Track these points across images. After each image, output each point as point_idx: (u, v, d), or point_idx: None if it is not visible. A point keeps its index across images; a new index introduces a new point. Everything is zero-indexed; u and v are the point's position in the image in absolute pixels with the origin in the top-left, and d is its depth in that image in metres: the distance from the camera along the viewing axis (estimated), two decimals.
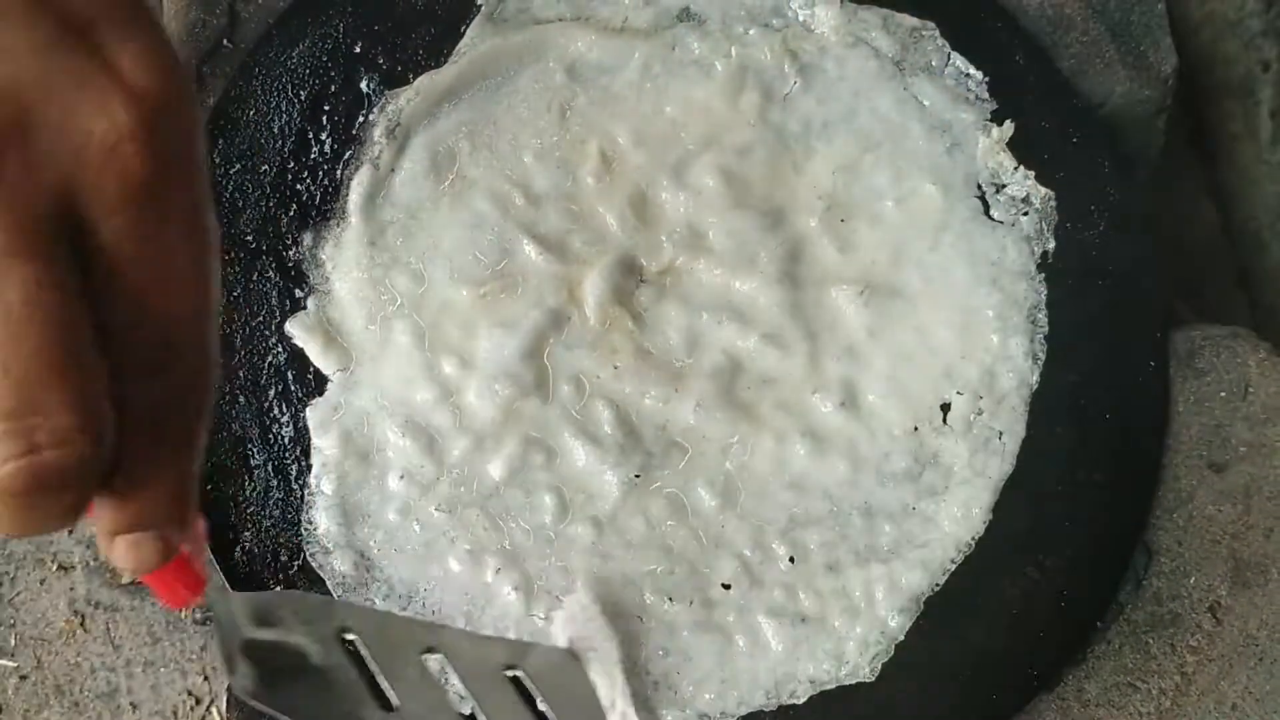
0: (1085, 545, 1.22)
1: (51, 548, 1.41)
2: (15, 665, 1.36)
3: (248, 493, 1.18)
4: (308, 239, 1.25)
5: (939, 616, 1.18)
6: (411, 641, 0.88)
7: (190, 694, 1.37)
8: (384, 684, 0.84)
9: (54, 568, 1.41)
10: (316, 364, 1.21)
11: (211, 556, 0.89)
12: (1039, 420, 1.24)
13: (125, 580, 1.39)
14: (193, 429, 0.63)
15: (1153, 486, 1.27)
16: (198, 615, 1.39)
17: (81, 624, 1.40)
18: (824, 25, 1.34)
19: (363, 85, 1.30)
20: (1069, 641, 1.21)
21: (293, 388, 1.21)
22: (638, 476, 1.19)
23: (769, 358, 1.23)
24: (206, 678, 1.38)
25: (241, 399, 1.20)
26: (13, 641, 1.37)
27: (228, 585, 0.82)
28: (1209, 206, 1.70)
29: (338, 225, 1.26)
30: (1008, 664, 1.19)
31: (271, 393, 1.21)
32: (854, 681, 1.16)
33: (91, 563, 1.41)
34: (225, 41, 1.35)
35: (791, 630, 1.16)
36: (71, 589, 1.40)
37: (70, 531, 1.42)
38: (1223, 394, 1.29)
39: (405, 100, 1.29)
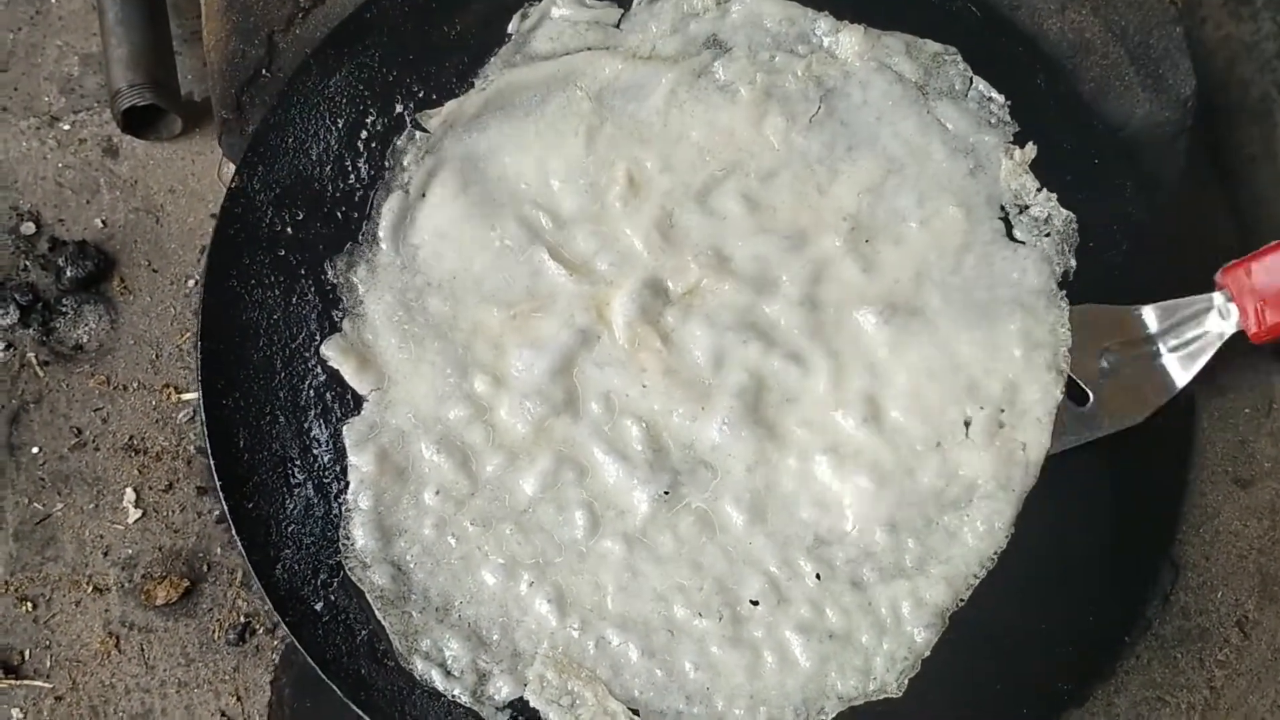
0: (1111, 560, 1.23)
1: (87, 570, 1.43)
2: (50, 686, 1.38)
3: (288, 511, 1.20)
4: (342, 263, 1.28)
5: (966, 632, 1.19)
6: None
7: (224, 715, 1.38)
8: None
9: (89, 589, 1.43)
10: (352, 384, 1.24)
11: None
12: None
13: (160, 601, 1.41)
14: None
15: (1179, 502, 1.28)
16: (230, 636, 1.41)
17: (116, 645, 1.41)
18: (848, 51, 1.36)
19: (396, 113, 1.33)
20: (1097, 656, 1.22)
21: (331, 407, 1.23)
22: (666, 493, 1.21)
23: (792, 376, 1.25)
24: (239, 698, 1.39)
25: (282, 419, 1.23)
26: (48, 663, 1.39)
27: None
28: (1229, 227, 1.71)
29: (370, 249, 1.29)
30: (1036, 679, 1.20)
31: (311, 413, 1.23)
32: (882, 697, 1.17)
33: (126, 584, 1.43)
34: (264, 71, 1.38)
35: (819, 646, 1.17)
36: (106, 610, 1.42)
37: (105, 553, 1.44)
38: (1247, 410, 1.30)
39: (435, 126, 1.33)
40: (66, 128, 1.66)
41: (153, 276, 1.58)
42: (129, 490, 1.47)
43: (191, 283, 1.58)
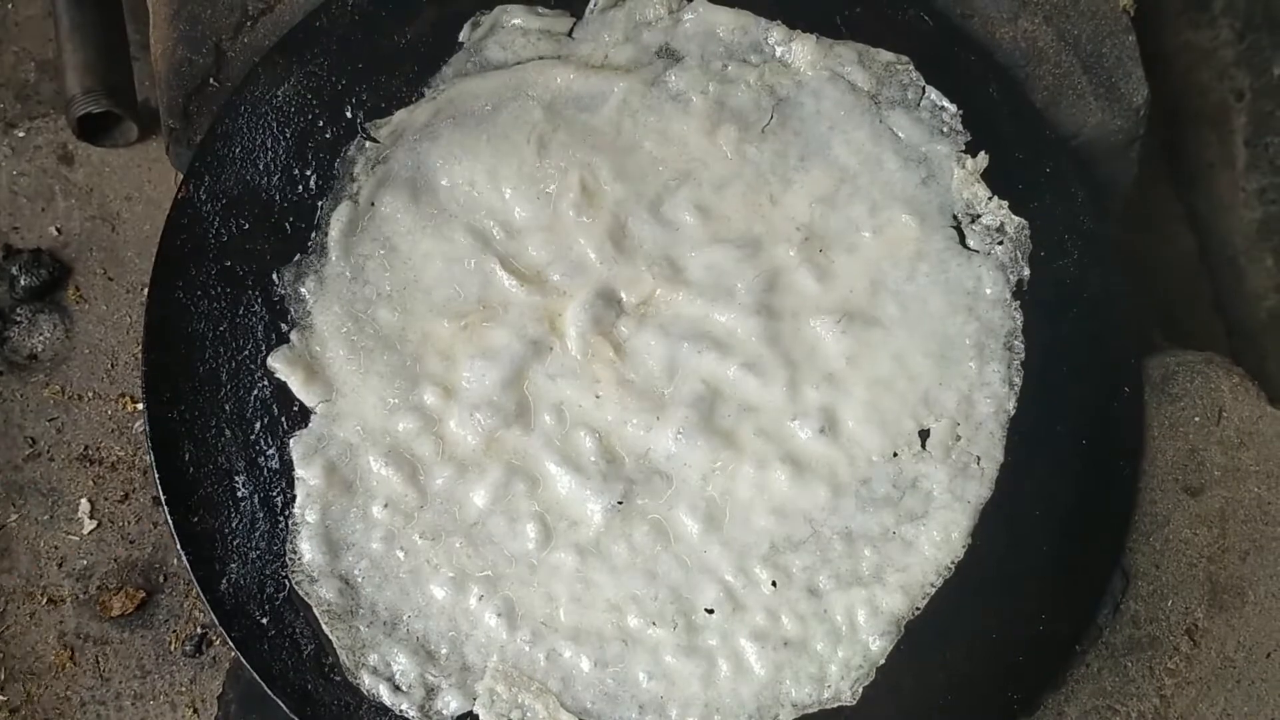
0: (1063, 569, 1.24)
1: (41, 581, 1.42)
2: (5, 699, 1.37)
3: (234, 524, 1.19)
4: (290, 274, 1.27)
5: (920, 640, 1.19)
6: None
7: None
8: None
9: (44, 601, 1.42)
10: (299, 397, 1.23)
11: None
12: (1017, 446, 1.25)
13: (115, 612, 1.40)
14: None
15: (1129, 511, 1.28)
16: (187, 648, 1.40)
17: (71, 657, 1.40)
18: (800, 60, 1.36)
19: (346, 122, 1.32)
20: (1048, 665, 1.23)
21: (278, 420, 1.23)
22: (620, 503, 1.20)
23: (749, 386, 1.25)
24: (196, 710, 1.39)
25: (228, 432, 1.22)
26: (2, 675, 1.38)
27: None
28: (1184, 234, 1.73)
29: (319, 260, 1.28)
30: (987, 688, 1.20)
31: (258, 425, 1.22)
32: (836, 705, 1.17)
33: (82, 595, 1.42)
34: (211, 80, 1.37)
35: (774, 654, 1.17)
36: (61, 622, 1.41)
37: (60, 564, 1.43)
38: (1197, 419, 1.31)
39: (385, 135, 1.32)
40: (21, 134, 1.65)
41: (108, 285, 1.57)
42: (84, 501, 1.46)
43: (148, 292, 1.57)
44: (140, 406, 1.50)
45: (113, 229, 1.61)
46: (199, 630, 1.41)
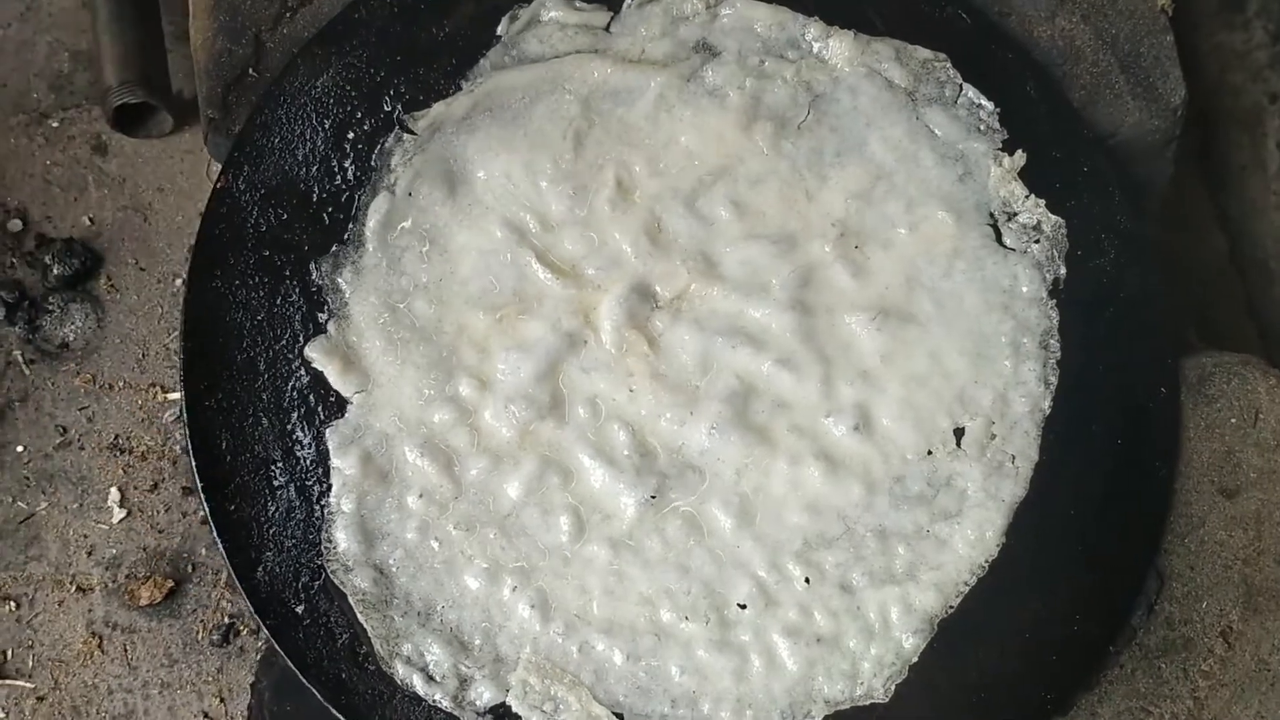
0: (1098, 569, 1.23)
1: (70, 569, 1.43)
2: (32, 686, 1.37)
3: (271, 513, 1.19)
4: (328, 264, 1.27)
5: (953, 639, 1.19)
6: None
7: (206, 716, 1.38)
8: None
9: (73, 589, 1.42)
10: (336, 387, 1.23)
11: None
12: (1052, 445, 1.25)
13: (143, 601, 1.41)
14: None
15: (1164, 512, 1.28)
16: (214, 637, 1.40)
17: (99, 645, 1.41)
18: (838, 56, 1.36)
19: (383, 114, 1.33)
20: (1082, 665, 1.22)
21: (315, 410, 1.23)
22: (653, 497, 1.20)
23: (783, 381, 1.25)
24: (223, 700, 1.39)
25: (265, 421, 1.22)
26: (30, 663, 1.39)
27: None
28: (1218, 235, 1.72)
29: (356, 251, 1.28)
30: (1021, 687, 1.20)
31: (294, 415, 1.23)
32: (869, 702, 1.17)
33: (110, 584, 1.42)
34: (251, 70, 1.38)
35: (807, 650, 1.17)
36: (90, 610, 1.42)
37: (89, 553, 1.43)
38: (1233, 420, 1.30)
39: (422, 128, 1.32)
40: (55, 124, 1.66)
41: (140, 275, 1.58)
42: (114, 490, 1.47)
43: (179, 281, 1.57)
44: (171, 396, 1.51)
45: (145, 219, 1.61)
46: (226, 620, 1.42)
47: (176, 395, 1.51)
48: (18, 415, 1.49)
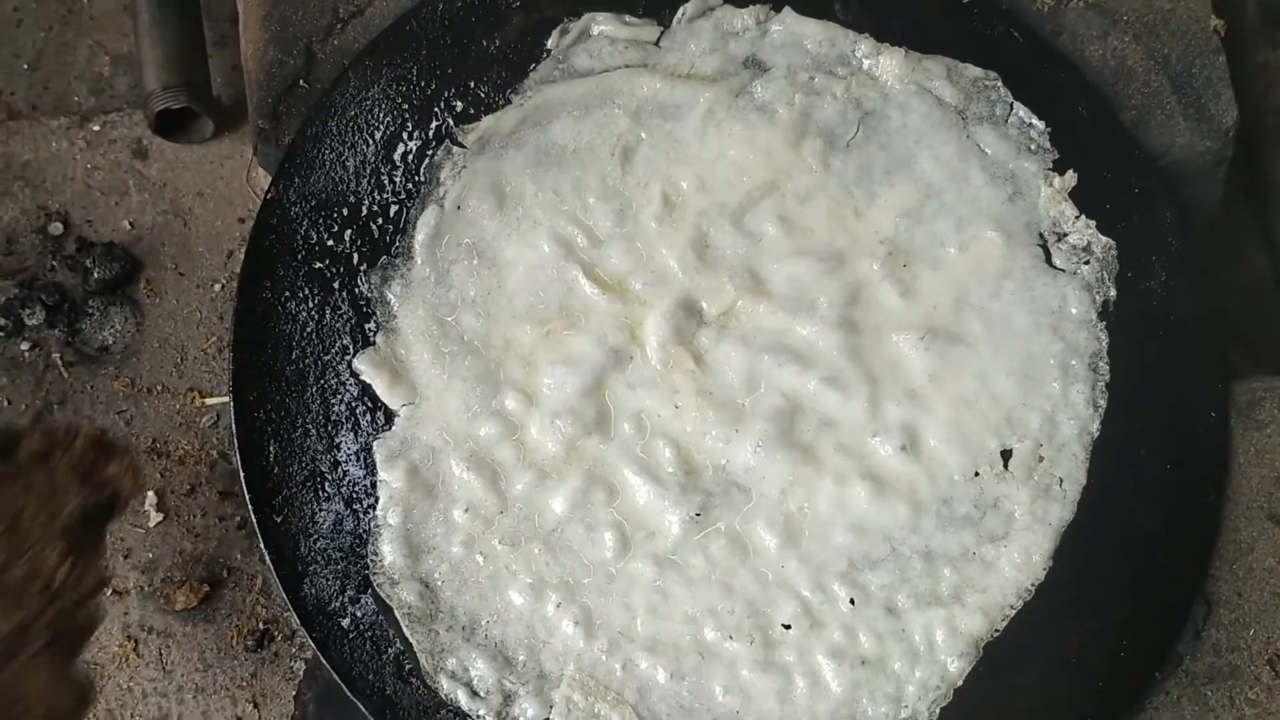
0: (1144, 595, 1.23)
1: (106, 573, 1.43)
2: None
3: (318, 525, 1.19)
4: (376, 277, 1.27)
5: (998, 663, 1.18)
6: None
7: None
8: None
9: (108, 593, 1.43)
10: (384, 399, 1.23)
11: None
12: (1100, 468, 1.24)
13: (179, 606, 1.41)
14: None
15: (1212, 537, 1.27)
16: (249, 643, 1.40)
17: (135, 649, 1.41)
18: (888, 74, 1.36)
19: (434, 127, 1.32)
20: (1127, 691, 1.21)
21: (362, 422, 1.23)
22: (698, 515, 1.20)
23: (829, 400, 1.24)
24: (257, 705, 1.39)
25: (313, 432, 1.22)
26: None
27: None
28: (1260, 256, 1.70)
29: (404, 263, 1.28)
30: (1066, 713, 1.20)
31: (342, 427, 1.22)
32: None
33: (146, 588, 1.42)
34: (301, 82, 1.38)
35: (851, 672, 1.17)
36: (126, 614, 1.42)
37: (126, 556, 1.44)
38: None
39: (472, 141, 1.32)
40: (96, 128, 1.66)
41: (179, 280, 1.58)
42: (151, 494, 1.47)
43: (218, 286, 1.57)
44: (209, 401, 1.51)
45: (184, 224, 1.61)
46: (261, 625, 1.42)
47: (214, 400, 1.51)
48: (56, 417, 1.49)
